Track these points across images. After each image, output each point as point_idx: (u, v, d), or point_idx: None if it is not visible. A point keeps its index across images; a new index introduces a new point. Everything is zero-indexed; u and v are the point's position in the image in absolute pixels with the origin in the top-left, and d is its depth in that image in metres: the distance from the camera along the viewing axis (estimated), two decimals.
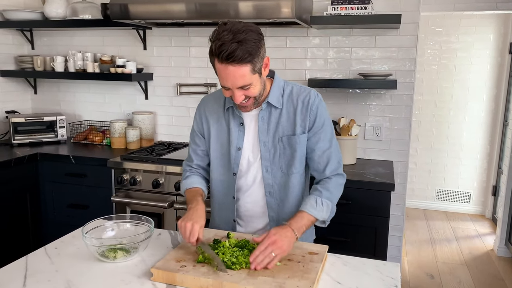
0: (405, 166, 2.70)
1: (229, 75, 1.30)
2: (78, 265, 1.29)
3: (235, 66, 1.27)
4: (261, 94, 1.42)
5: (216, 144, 1.56)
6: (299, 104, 1.48)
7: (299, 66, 2.79)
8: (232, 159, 1.52)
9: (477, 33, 4.46)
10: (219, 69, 1.31)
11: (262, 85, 1.40)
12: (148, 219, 1.42)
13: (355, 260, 1.36)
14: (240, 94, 1.35)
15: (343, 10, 2.46)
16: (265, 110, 1.49)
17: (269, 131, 1.49)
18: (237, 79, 1.30)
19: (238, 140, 1.51)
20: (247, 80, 1.31)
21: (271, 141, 1.49)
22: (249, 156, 1.52)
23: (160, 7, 2.48)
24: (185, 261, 1.25)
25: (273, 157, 1.50)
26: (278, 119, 1.49)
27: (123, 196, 2.59)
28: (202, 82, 3.01)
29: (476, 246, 3.89)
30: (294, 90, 1.51)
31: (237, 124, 1.52)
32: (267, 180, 1.51)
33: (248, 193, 1.55)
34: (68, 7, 2.97)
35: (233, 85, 1.32)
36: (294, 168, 1.50)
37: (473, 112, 4.60)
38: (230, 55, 1.25)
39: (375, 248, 2.29)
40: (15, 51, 3.33)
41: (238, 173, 1.53)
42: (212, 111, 1.57)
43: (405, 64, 2.61)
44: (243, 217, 1.59)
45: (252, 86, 1.34)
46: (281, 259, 1.27)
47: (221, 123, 1.55)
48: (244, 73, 1.29)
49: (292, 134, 1.48)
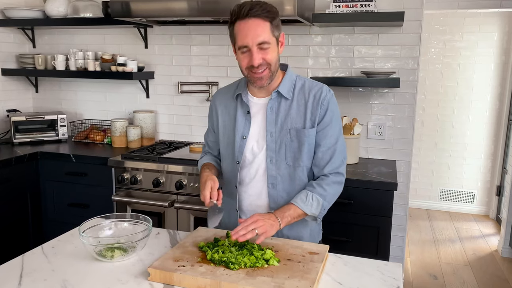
0: (408, 166, 2.67)
1: (250, 29, 1.35)
2: (75, 264, 1.28)
3: (256, 19, 1.35)
4: (277, 68, 1.46)
5: (224, 133, 1.59)
6: (310, 98, 1.48)
7: (301, 65, 2.76)
8: (237, 148, 1.52)
9: (481, 31, 4.42)
10: (240, 27, 1.37)
11: (278, 60, 1.45)
12: (146, 218, 1.40)
13: (356, 260, 1.33)
14: (259, 56, 1.38)
15: (345, 8, 2.44)
16: (275, 100, 1.49)
17: (277, 122, 1.49)
18: (257, 33, 1.35)
19: (244, 129, 1.52)
20: (267, 37, 1.37)
21: (278, 132, 1.48)
22: (253, 145, 1.51)
23: (162, 5, 2.46)
24: (183, 261, 1.23)
25: (279, 148, 1.49)
26: (287, 111, 1.49)
27: (123, 195, 2.57)
28: (204, 80, 2.99)
29: (480, 246, 3.85)
30: (306, 84, 1.53)
31: (244, 113, 1.53)
32: (270, 172, 1.50)
33: (252, 185, 1.54)
34: (69, 5, 2.95)
35: (253, 40, 1.36)
36: (300, 161, 1.49)
37: (477, 111, 4.56)
38: (251, 8, 1.35)
39: (378, 248, 2.26)
40: (17, 50, 3.32)
41: (242, 163, 1.53)
42: (222, 101, 1.60)
43: (408, 62, 2.58)
44: (247, 212, 1.57)
45: (271, 49, 1.39)
46: (280, 259, 1.24)
47: (229, 112, 1.57)
48: (264, 28, 1.36)
49: (302, 127, 1.48)
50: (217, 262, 1.20)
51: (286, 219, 1.40)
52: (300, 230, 1.55)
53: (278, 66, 1.48)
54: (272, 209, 1.52)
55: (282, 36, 1.46)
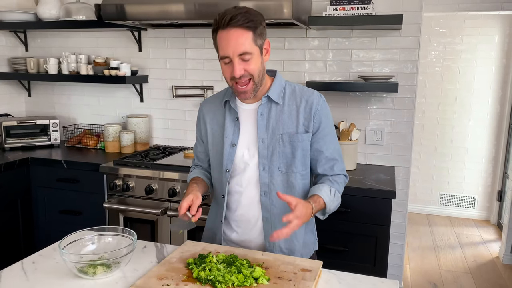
0: (407, 172, 2.61)
1: (230, 39, 1.30)
2: (54, 282, 1.21)
3: (236, 29, 1.29)
4: (261, 79, 1.39)
5: (213, 141, 1.53)
6: (302, 102, 1.44)
7: (298, 69, 2.70)
8: (225, 156, 1.46)
9: (482, 34, 4.35)
10: (221, 37, 1.32)
11: (262, 69, 1.39)
12: (131, 232, 1.33)
13: (351, 276, 1.27)
14: (240, 67, 1.32)
15: (342, 11, 2.38)
16: (265, 105, 1.45)
17: (268, 127, 1.44)
18: (238, 43, 1.30)
19: (234, 136, 1.47)
20: (248, 47, 1.31)
21: (270, 138, 1.44)
22: (244, 153, 1.46)
23: (157, 8, 2.40)
24: (167, 279, 1.16)
25: (271, 155, 1.43)
26: (279, 116, 1.44)
27: (115, 202, 2.51)
28: (198, 84, 2.94)
29: (481, 253, 3.78)
30: (297, 89, 1.49)
31: (233, 119, 1.48)
32: (263, 179, 1.44)
33: (244, 194, 1.48)
34: (62, 8, 2.90)
35: (233, 51, 1.30)
36: (294, 167, 1.44)
37: (478, 115, 4.49)
38: (232, 18, 1.29)
39: (376, 257, 2.20)
40: (9, 53, 3.26)
41: (233, 172, 1.47)
42: (210, 109, 1.55)
43: (407, 66, 2.52)
44: (239, 222, 1.51)
45: (253, 60, 1.33)
46: (270, 277, 1.18)
47: (218, 119, 1.52)
48: (245, 38, 1.30)
49: (295, 132, 1.43)
50: (203, 281, 1.14)
51: (314, 213, 1.39)
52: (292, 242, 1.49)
53: (263, 75, 1.41)
54: (265, 218, 1.46)
55: (267, 43, 1.40)
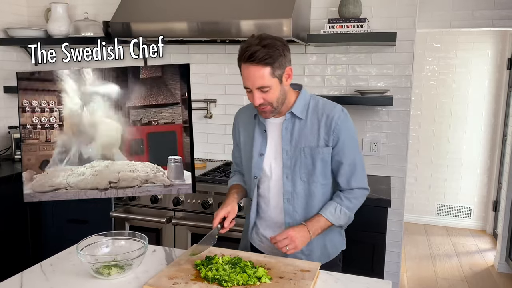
0: (402, 182, 2.71)
1: (249, 74, 1.41)
2: (72, 282, 1.31)
3: (255, 66, 1.39)
4: (281, 103, 1.50)
5: (244, 150, 1.68)
6: (323, 117, 1.55)
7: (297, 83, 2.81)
8: (254, 164, 1.60)
9: (475, 49, 4.50)
10: (243, 69, 1.43)
11: (282, 94, 1.49)
12: (142, 236, 1.43)
13: (346, 277, 1.37)
14: (259, 96, 1.44)
15: (339, 28, 2.51)
16: (289, 120, 1.56)
17: (292, 140, 1.56)
18: (256, 79, 1.41)
19: (262, 147, 1.60)
20: (266, 82, 1.41)
21: (293, 151, 1.56)
22: (271, 162, 1.59)
23: (162, 25, 2.53)
24: (177, 278, 1.26)
25: (294, 166, 1.56)
26: (301, 130, 1.56)
27: (122, 211, 2.61)
28: (202, 98, 3.05)
29: (477, 262, 3.86)
30: (320, 103, 1.59)
31: (261, 131, 1.61)
32: (286, 187, 1.57)
33: (270, 199, 1.62)
34: (71, 25, 3.03)
35: (252, 85, 1.43)
36: (315, 177, 1.56)
37: (473, 127, 4.62)
38: (251, 55, 1.38)
39: (373, 264, 2.29)
40: (19, 68, 3.38)
41: (261, 178, 1.61)
42: (243, 119, 1.70)
43: (401, 81, 2.64)
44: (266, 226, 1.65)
45: (271, 90, 1.43)
46: (272, 276, 1.28)
47: (248, 130, 1.65)
48: (263, 74, 1.40)
49: (316, 146, 1.55)
50: (210, 280, 1.24)
51: (317, 231, 1.52)
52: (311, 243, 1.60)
53: (284, 99, 1.51)
54: (288, 223, 1.58)
55: (288, 70, 1.47)
